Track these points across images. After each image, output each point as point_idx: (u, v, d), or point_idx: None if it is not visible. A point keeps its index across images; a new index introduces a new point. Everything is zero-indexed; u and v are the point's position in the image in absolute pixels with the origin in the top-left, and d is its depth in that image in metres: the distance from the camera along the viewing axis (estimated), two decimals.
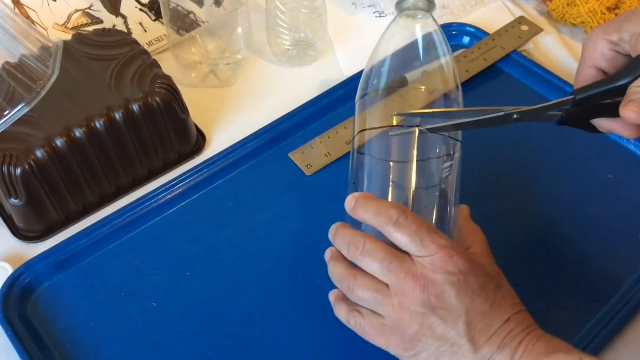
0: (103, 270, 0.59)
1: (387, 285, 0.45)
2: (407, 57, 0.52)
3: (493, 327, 0.43)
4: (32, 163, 0.56)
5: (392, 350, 0.45)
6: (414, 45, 0.52)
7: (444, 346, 0.43)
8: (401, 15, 0.52)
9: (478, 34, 0.77)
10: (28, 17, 0.75)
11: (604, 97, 0.49)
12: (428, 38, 0.52)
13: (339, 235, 0.48)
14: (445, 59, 0.52)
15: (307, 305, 0.55)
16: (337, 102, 0.70)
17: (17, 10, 0.75)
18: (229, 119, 0.71)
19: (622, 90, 0.47)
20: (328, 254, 0.49)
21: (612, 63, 0.52)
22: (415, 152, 0.50)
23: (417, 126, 0.49)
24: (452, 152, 0.50)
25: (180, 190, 0.63)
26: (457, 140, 0.50)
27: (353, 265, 0.47)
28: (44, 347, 0.53)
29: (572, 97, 0.49)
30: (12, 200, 0.58)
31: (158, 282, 0.57)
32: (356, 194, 0.48)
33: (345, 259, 0.48)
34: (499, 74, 0.73)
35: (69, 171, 0.58)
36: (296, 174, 0.65)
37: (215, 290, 0.57)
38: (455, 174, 0.50)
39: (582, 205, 0.61)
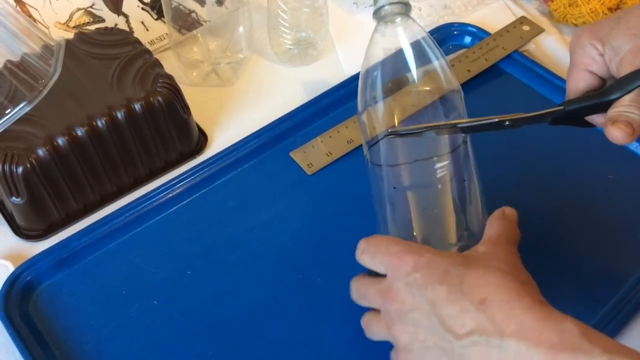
0: (104, 268, 0.59)
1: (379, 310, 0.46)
2: (397, 61, 0.53)
3: (468, 311, 0.39)
4: (34, 162, 0.56)
5: None
6: (401, 50, 0.52)
7: (433, 348, 0.41)
8: (380, 23, 0.53)
9: (479, 34, 0.77)
10: (30, 16, 0.75)
11: (593, 109, 0.50)
12: (415, 41, 0.53)
13: None
14: (438, 61, 0.52)
15: (308, 305, 0.55)
16: (338, 101, 0.70)
17: (19, 8, 0.75)
18: (230, 118, 0.71)
19: (609, 105, 0.48)
20: None
21: (603, 66, 0.52)
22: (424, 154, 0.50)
23: (420, 130, 0.49)
24: (448, 152, 0.50)
25: (181, 189, 0.63)
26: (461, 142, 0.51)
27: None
28: (45, 345, 0.54)
29: (562, 107, 0.50)
30: (13, 198, 0.58)
31: (159, 280, 0.57)
32: None
33: None
34: (500, 74, 0.73)
35: (70, 170, 0.59)
36: (297, 173, 0.65)
37: (215, 289, 0.57)
38: (472, 172, 0.51)
39: (582, 205, 0.61)
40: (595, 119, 0.52)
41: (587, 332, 0.37)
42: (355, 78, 0.72)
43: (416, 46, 0.52)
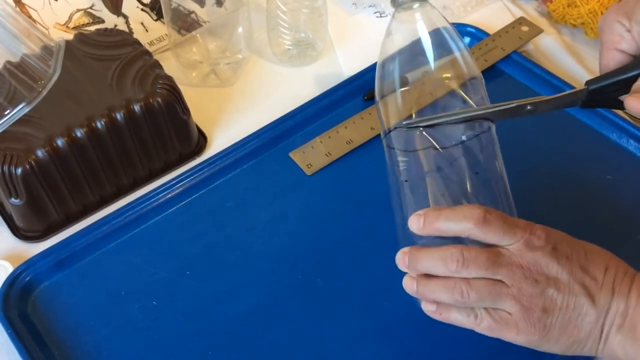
0: (103, 268, 0.59)
1: (499, 281, 0.45)
2: (416, 48, 0.51)
3: (599, 278, 0.45)
4: (33, 163, 0.56)
5: (522, 338, 0.45)
6: (420, 36, 0.51)
7: (568, 313, 0.44)
8: (398, 10, 0.52)
9: (478, 35, 0.77)
10: (29, 17, 0.75)
11: (617, 87, 0.49)
12: (434, 30, 0.52)
13: (422, 258, 0.46)
14: (458, 48, 0.51)
15: (307, 305, 0.55)
16: (337, 101, 0.70)
17: (18, 9, 0.75)
18: (230, 118, 0.71)
19: (635, 81, 0.47)
20: (411, 282, 0.47)
21: (632, 43, 0.51)
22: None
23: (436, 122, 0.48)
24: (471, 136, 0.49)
25: (181, 189, 0.63)
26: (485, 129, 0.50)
27: None
28: (44, 346, 0.54)
29: (585, 87, 0.49)
30: (12, 199, 0.58)
31: (158, 281, 0.57)
32: (421, 212, 0.46)
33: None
34: (499, 74, 0.73)
35: (70, 171, 0.59)
36: (296, 173, 0.65)
37: (215, 289, 0.57)
38: (499, 161, 0.50)
39: (581, 205, 0.61)
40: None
41: None
42: (354, 78, 0.72)
43: (435, 33, 0.51)
